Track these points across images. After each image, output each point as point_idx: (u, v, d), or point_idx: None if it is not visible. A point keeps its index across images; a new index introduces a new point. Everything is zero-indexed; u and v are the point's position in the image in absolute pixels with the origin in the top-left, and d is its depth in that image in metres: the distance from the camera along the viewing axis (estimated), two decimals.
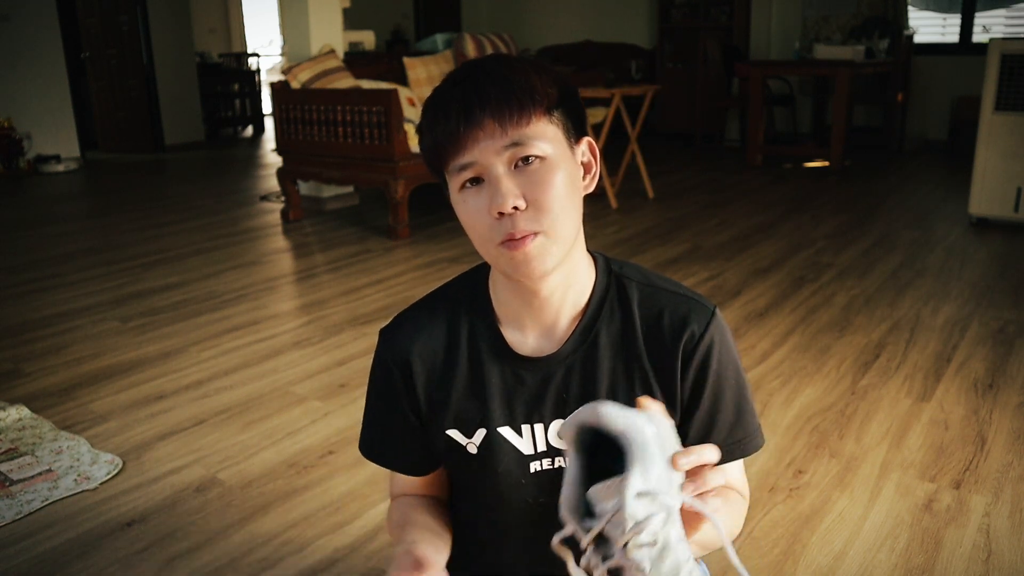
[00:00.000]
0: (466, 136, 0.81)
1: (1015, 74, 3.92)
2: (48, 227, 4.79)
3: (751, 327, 2.85)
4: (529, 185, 0.81)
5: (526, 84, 0.82)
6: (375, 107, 4.10)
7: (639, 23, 8.17)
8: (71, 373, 2.60)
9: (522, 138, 0.81)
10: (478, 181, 0.83)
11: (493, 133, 0.80)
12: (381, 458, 1.03)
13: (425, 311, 0.98)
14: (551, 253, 0.83)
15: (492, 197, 0.81)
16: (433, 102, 0.85)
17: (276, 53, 12.28)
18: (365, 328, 2.93)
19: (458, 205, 0.85)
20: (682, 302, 0.92)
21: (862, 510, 1.75)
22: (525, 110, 0.81)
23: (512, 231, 0.81)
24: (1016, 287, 3.23)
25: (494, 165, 0.81)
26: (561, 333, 0.92)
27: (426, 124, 0.85)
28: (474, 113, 0.80)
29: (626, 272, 0.95)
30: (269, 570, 1.59)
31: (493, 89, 0.81)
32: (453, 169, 0.83)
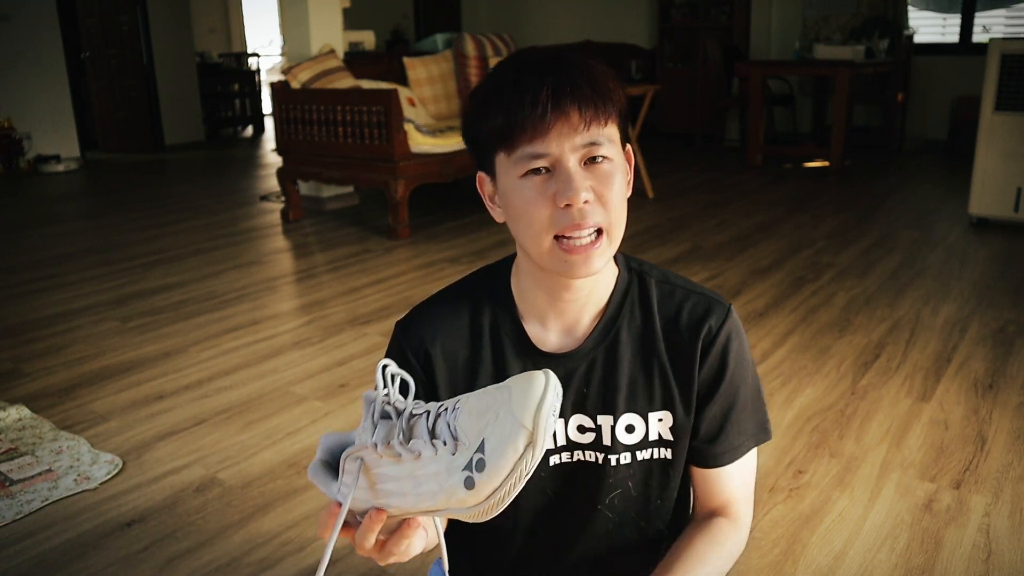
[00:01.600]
0: (551, 125, 0.80)
1: (1015, 74, 3.92)
2: (48, 227, 4.79)
3: (751, 327, 2.85)
4: (598, 183, 0.83)
5: (608, 85, 0.83)
6: (375, 107, 4.10)
7: (639, 23, 8.17)
8: (71, 373, 2.60)
9: (599, 138, 0.82)
10: (543, 171, 0.82)
11: (577, 127, 0.81)
12: None
13: (446, 304, 0.97)
14: (606, 256, 0.85)
15: (563, 188, 0.81)
16: (509, 81, 0.83)
17: (276, 53, 12.29)
18: (365, 328, 2.93)
19: (514, 191, 0.84)
20: (700, 300, 0.95)
21: (862, 510, 1.75)
22: (608, 110, 0.82)
23: (580, 222, 0.81)
24: (1016, 287, 3.23)
25: (569, 158, 0.81)
26: (583, 329, 0.94)
27: (501, 102, 0.82)
28: (564, 103, 0.80)
29: (646, 269, 0.97)
30: (269, 570, 1.59)
31: (584, 84, 0.81)
32: (523, 155, 0.82)
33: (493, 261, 1.00)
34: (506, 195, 0.86)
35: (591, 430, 0.95)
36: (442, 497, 0.67)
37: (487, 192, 0.91)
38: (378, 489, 0.70)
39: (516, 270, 0.96)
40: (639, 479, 0.97)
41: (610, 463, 0.95)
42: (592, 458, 0.96)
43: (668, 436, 0.95)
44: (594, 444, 0.95)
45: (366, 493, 0.71)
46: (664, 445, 0.95)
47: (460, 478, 0.66)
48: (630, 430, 0.94)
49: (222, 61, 9.72)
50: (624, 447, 0.95)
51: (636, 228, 4.38)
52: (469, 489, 0.65)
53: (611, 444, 0.94)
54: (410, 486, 0.69)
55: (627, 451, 0.95)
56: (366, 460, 0.70)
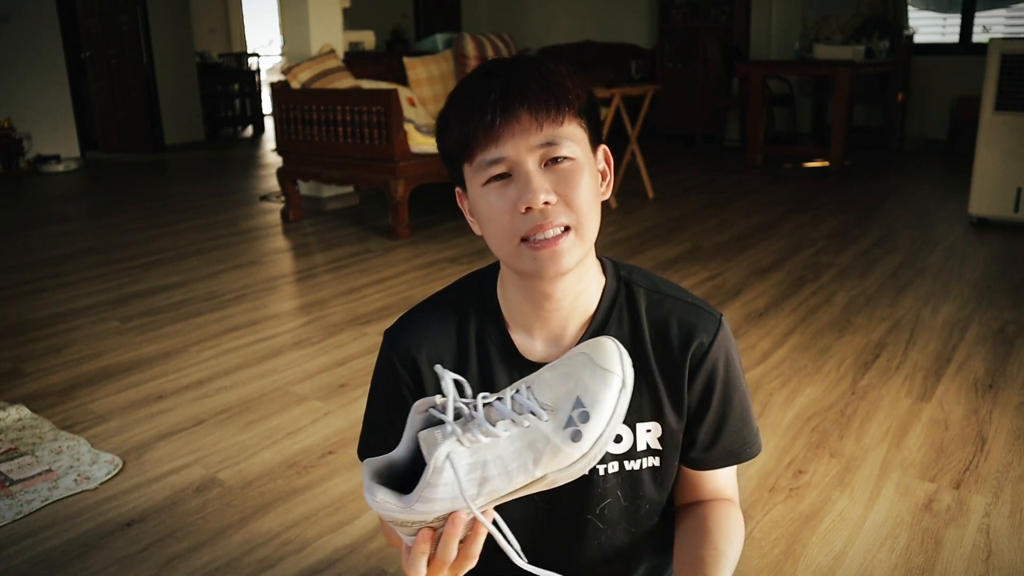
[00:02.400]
0: (501, 129, 0.80)
1: (1015, 74, 3.92)
2: (48, 227, 4.79)
3: (751, 327, 2.85)
4: (559, 183, 0.82)
5: (562, 84, 0.82)
6: (375, 107, 4.10)
7: (639, 23, 8.17)
8: (71, 373, 2.60)
9: (556, 137, 0.81)
10: (504, 176, 0.82)
11: (529, 129, 0.80)
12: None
13: (433, 313, 0.97)
14: (575, 252, 0.84)
15: (522, 192, 0.80)
16: (465, 92, 0.83)
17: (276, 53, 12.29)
18: (365, 328, 2.93)
19: (480, 200, 0.84)
20: (690, 311, 0.93)
21: (862, 510, 1.75)
22: (561, 109, 0.81)
23: (542, 223, 0.81)
24: (1016, 287, 3.23)
25: (525, 161, 0.81)
26: (570, 338, 0.92)
27: (455, 114, 0.83)
28: (512, 106, 0.80)
29: (634, 278, 0.95)
30: (269, 570, 1.59)
31: (532, 85, 0.81)
32: (481, 163, 0.82)
33: (481, 267, 0.99)
34: (475, 206, 0.86)
35: None
36: (544, 460, 0.69)
37: (466, 207, 0.91)
38: (470, 479, 0.69)
39: (501, 279, 0.94)
40: (627, 488, 0.96)
41: (597, 472, 0.94)
42: None
43: (656, 446, 0.94)
44: None
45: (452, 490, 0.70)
46: (652, 454, 0.95)
47: (565, 435, 0.69)
48: (617, 440, 0.93)
49: (222, 61, 9.73)
50: (612, 456, 0.94)
51: (636, 228, 4.38)
52: (576, 442, 0.69)
53: None
54: (500, 467, 0.69)
55: (615, 460, 0.94)
56: (452, 456, 0.70)
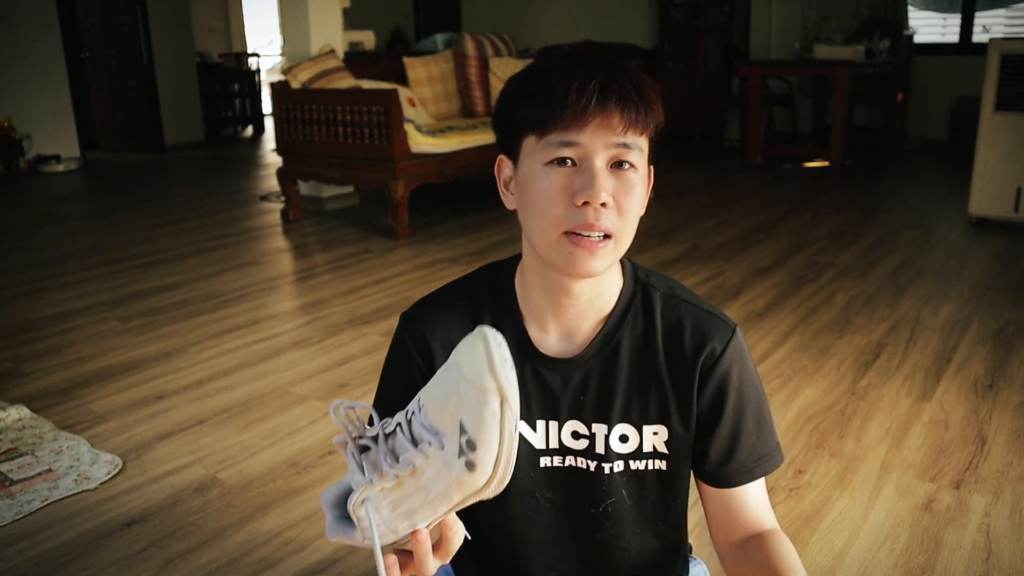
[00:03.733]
0: (590, 116, 0.80)
1: (1015, 74, 3.92)
2: (48, 227, 4.79)
3: (751, 327, 2.85)
4: (619, 188, 0.82)
5: (649, 96, 0.83)
6: (375, 107, 4.10)
7: (639, 23, 8.17)
8: (71, 373, 2.60)
9: (632, 143, 0.82)
10: (567, 163, 0.82)
11: (614, 126, 0.80)
12: None
13: (449, 299, 0.97)
14: (609, 259, 0.84)
15: (584, 186, 0.80)
16: (559, 71, 0.82)
17: (276, 53, 12.29)
18: (365, 328, 2.93)
19: (535, 177, 0.83)
20: (704, 318, 0.93)
21: (862, 510, 1.75)
22: (646, 120, 0.82)
23: (592, 223, 0.81)
24: (1016, 287, 3.23)
25: (597, 155, 0.81)
26: (584, 336, 0.93)
27: (542, 87, 0.82)
28: (609, 99, 0.80)
29: (652, 281, 0.95)
30: (269, 570, 1.59)
31: (630, 86, 0.81)
32: (553, 141, 0.81)
33: (496, 259, 1.00)
34: (525, 181, 0.85)
35: (585, 437, 0.94)
36: (454, 491, 0.68)
37: (504, 177, 0.91)
38: (398, 514, 0.71)
39: (521, 268, 0.95)
40: (633, 488, 0.96)
41: (603, 471, 0.94)
42: (584, 465, 0.95)
43: (663, 449, 0.94)
44: (587, 451, 0.95)
45: (391, 525, 0.71)
46: (659, 457, 0.94)
47: (460, 465, 0.66)
48: (623, 440, 0.94)
49: (222, 61, 9.73)
50: (617, 456, 0.94)
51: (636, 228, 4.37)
52: (472, 471, 0.66)
53: (604, 452, 0.94)
54: (422, 498, 0.69)
55: (620, 459, 0.94)
56: (371, 500, 0.70)
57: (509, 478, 0.68)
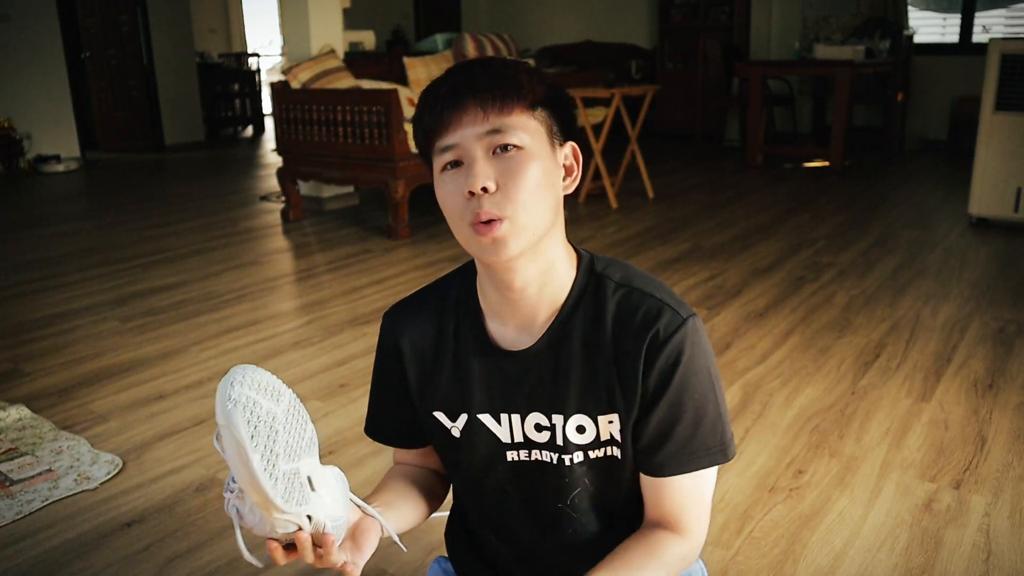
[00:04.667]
0: (450, 119, 0.85)
1: (1015, 74, 3.92)
2: (48, 227, 4.79)
3: (751, 327, 2.85)
4: (503, 171, 0.85)
5: (513, 78, 0.86)
6: (375, 107, 4.10)
7: (639, 23, 8.17)
8: (71, 373, 2.60)
9: (502, 126, 0.85)
10: (458, 164, 0.86)
11: (475, 118, 0.85)
12: (381, 434, 1.09)
13: (420, 302, 1.04)
14: (515, 240, 0.85)
15: (465, 177, 0.85)
16: (426, 91, 0.90)
17: (276, 53, 12.29)
18: (365, 328, 2.93)
19: (438, 187, 0.89)
20: (655, 304, 0.91)
21: (862, 510, 1.75)
22: (508, 100, 0.85)
23: (478, 211, 0.84)
24: (1016, 287, 3.23)
25: (473, 148, 0.85)
26: (538, 328, 0.95)
27: (418, 110, 0.90)
28: (460, 97, 0.85)
29: (608, 272, 0.95)
30: (269, 570, 1.59)
31: (481, 79, 0.86)
32: (437, 151, 0.88)
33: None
34: (436, 191, 0.91)
35: (547, 428, 0.95)
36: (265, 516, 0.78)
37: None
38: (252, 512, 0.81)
39: (478, 268, 0.98)
40: (595, 476, 0.97)
41: (564, 463, 0.96)
42: (548, 459, 0.97)
43: (618, 437, 0.94)
44: (549, 444, 0.96)
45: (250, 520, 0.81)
46: (614, 444, 0.94)
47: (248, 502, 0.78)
48: (580, 430, 0.94)
49: (222, 61, 9.73)
50: (576, 447, 0.95)
51: (636, 228, 4.38)
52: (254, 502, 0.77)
53: (563, 444, 0.95)
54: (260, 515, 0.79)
55: (579, 451, 0.95)
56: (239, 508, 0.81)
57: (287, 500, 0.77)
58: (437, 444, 1.04)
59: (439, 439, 1.03)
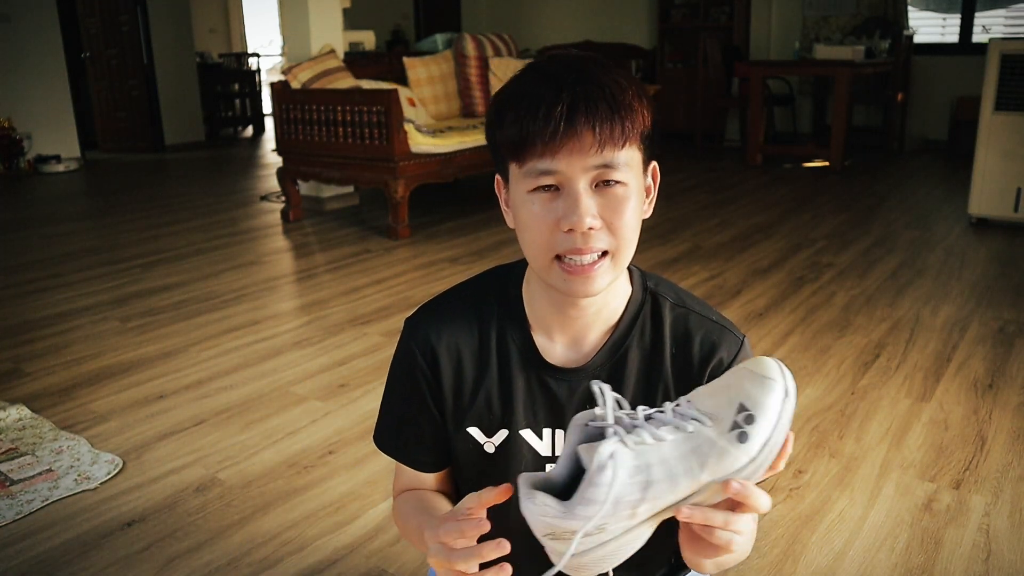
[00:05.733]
0: (561, 143, 0.77)
1: (1015, 74, 3.92)
2: (48, 227, 4.79)
3: (751, 327, 2.85)
4: (606, 208, 0.79)
5: (629, 105, 0.79)
6: (375, 107, 4.10)
7: (639, 23, 8.17)
8: (71, 373, 2.60)
9: (614, 162, 0.78)
10: (551, 188, 0.79)
11: (589, 149, 0.77)
12: (398, 451, 1.00)
13: (455, 305, 0.96)
14: (608, 277, 0.82)
15: (568, 211, 0.78)
16: (527, 92, 0.79)
17: (276, 53, 12.28)
18: (365, 328, 2.93)
19: (522, 205, 0.82)
20: (714, 328, 0.92)
21: (862, 510, 1.75)
22: (625, 133, 0.78)
23: (581, 247, 0.79)
24: (1016, 287, 3.23)
25: (578, 180, 0.78)
26: (591, 345, 0.92)
27: (513, 113, 0.79)
28: (577, 121, 0.76)
29: (661, 290, 0.94)
30: (269, 570, 1.59)
31: (601, 103, 0.77)
32: (532, 170, 0.79)
33: (497, 260, 1.00)
34: (515, 206, 0.84)
35: None
36: (711, 463, 0.68)
37: (502, 196, 0.89)
38: (636, 481, 0.68)
39: (527, 277, 0.94)
40: None
41: None
42: None
43: None
44: None
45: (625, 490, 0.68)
46: None
47: (731, 436, 0.68)
48: None
49: (222, 61, 9.73)
50: None
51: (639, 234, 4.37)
52: (743, 443, 0.67)
53: None
54: (665, 471, 0.68)
55: None
56: (616, 456, 0.68)
57: (763, 470, 0.68)
58: (463, 461, 0.98)
59: (467, 456, 0.96)
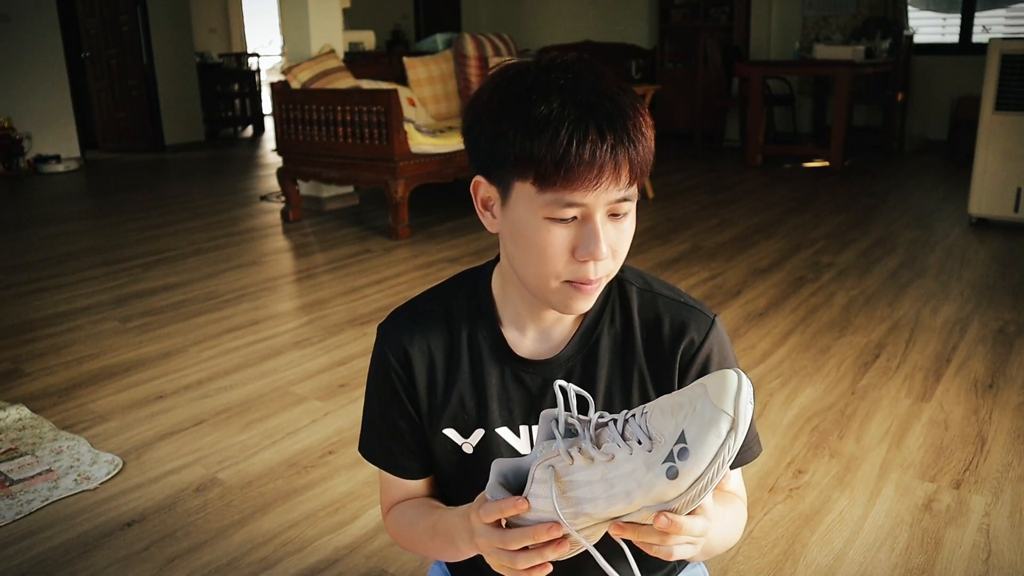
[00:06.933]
0: (597, 178, 0.76)
1: (1015, 74, 3.92)
2: (48, 227, 4.79)
3: (751, 327, 2.85)
4: (615, 236, 0.81)
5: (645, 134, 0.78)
6: (375, 107, 4.10)
7: (639, 23, 8.17)
8: (71, 373, 2.60)
9: (631, 196, 0.80)
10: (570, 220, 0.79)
11: (614, 183, 0.77)
12: (384, 459, 1.00)
13: (425, 307, 0.96)
14: (599, 290, 0.84)
15: (587, 243, 0.78)
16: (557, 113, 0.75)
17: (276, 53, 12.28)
18: (365, 328, 2.93)
19: (537, 230, 0.79)
20: (682, 309, 0.92)
21: (862, 510, 1.75)
22: (645, 173, 0.80)
23: (592, 277, 0.80)
24: (1016, 287, 3.23)
25: (598, 211, 0.78)
26: (561, 336, 0.92)
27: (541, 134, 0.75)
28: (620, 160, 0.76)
29: (627, 276, 0.94)
30: (269, 570, 1.59)
31: (637, 137, 0.77)
32: (555, 200, 0.77)
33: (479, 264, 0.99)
34: (519, 224, 0.81)
35: None
36: (639, 494, 0.67)
37: (482, 198, 0.86)
38: (568, 497, 0.70)
39: (501, 276, 0.93)
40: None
41: None
42: None
43: None
44: None
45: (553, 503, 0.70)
46: None
47: (661, 470, 0.65)
48: None
49: (222, 61, 9.73)
50: None
51: (636, 228, 4.35)
52: (672, 479, 0.65)
53: None
54: (602, 489, 0.68)
55: None
56: (557, 468, 0.70)
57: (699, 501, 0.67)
58: (444, 464, 0.98)
59: (446, 458, 0.97)
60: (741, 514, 0.96)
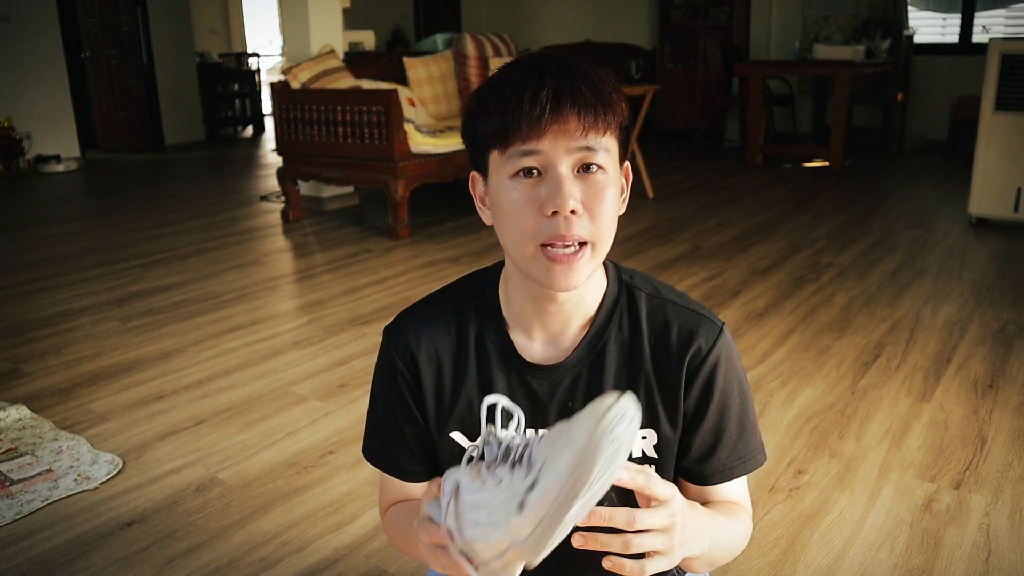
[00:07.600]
0: (547, 127, 0.78)
1: (1015, 74, 3.92)
2: (48, 227, 4.79)
3: (751, 327, 2.85)
4: (588, 193, 0.80)
5: (608, 95, 0.81)
6: (375, 107, 4.10)
7: (639, 23, 8.17)
8: (71, 373, 2.60)
9: (596, 145, 0.80)
10: (533, 173, 0.80)
11: (574, 131, 0.79)
12: (387, 462, 1.00)
13: (432, 310, 0.96)
14: (589, 268, 0.83)
15: (551, 195, 0.79)
16: (511, 81, 0.81)
17: (276, 53, 12.28)
18: (365, 328, 2.93)
19: (503, 192, 0.82)
20: (691, 317, 0.92)
21: (862, 510, 1.75)
22: (607, 120, 0.80)
23: (565, 233, 0.79)
24: (1016, 287, 3.23)
25: (561, 163, 0.79)
26: (569, 341, 0.92)
27: (497, 101, 0.80)
28: (563, 105, 0.78)
29: (636, 282, 0.94)
30: (269, 570, 1.59)
31: (585, 89, 0.80)
32: (515, 152, 0.80)
33: (486, 265, 0.99)
34: (495, 195, 0.84)
35: None
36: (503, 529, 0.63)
37: (478, 193, 0.89)
38: (464, 518, 0.67)
39: (504, 277, 0.94)
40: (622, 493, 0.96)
41: None
42: None
43: (652, 453, 0.93)
44: None
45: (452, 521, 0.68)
46: (648, 462, 0.93)
47: (516, 501, 0.61)
48: None
49: (222, 61, 9.73)
50: None
51: (636, 228, 4.38)
52: (520, 511, 0.61)
53: None
54: (485, 515, 0.65)
55: None
56: (461, 483, 0.68)
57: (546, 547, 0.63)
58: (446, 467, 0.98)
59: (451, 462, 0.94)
60: (745, 524, 0.96)
